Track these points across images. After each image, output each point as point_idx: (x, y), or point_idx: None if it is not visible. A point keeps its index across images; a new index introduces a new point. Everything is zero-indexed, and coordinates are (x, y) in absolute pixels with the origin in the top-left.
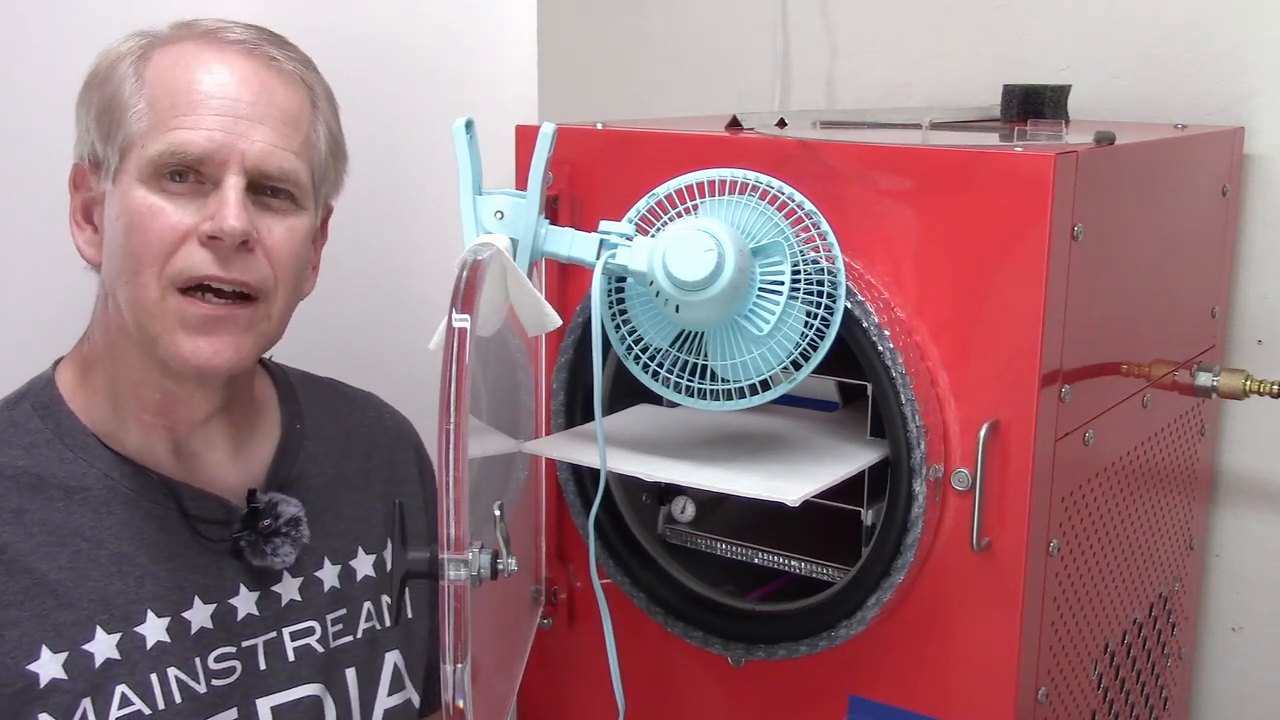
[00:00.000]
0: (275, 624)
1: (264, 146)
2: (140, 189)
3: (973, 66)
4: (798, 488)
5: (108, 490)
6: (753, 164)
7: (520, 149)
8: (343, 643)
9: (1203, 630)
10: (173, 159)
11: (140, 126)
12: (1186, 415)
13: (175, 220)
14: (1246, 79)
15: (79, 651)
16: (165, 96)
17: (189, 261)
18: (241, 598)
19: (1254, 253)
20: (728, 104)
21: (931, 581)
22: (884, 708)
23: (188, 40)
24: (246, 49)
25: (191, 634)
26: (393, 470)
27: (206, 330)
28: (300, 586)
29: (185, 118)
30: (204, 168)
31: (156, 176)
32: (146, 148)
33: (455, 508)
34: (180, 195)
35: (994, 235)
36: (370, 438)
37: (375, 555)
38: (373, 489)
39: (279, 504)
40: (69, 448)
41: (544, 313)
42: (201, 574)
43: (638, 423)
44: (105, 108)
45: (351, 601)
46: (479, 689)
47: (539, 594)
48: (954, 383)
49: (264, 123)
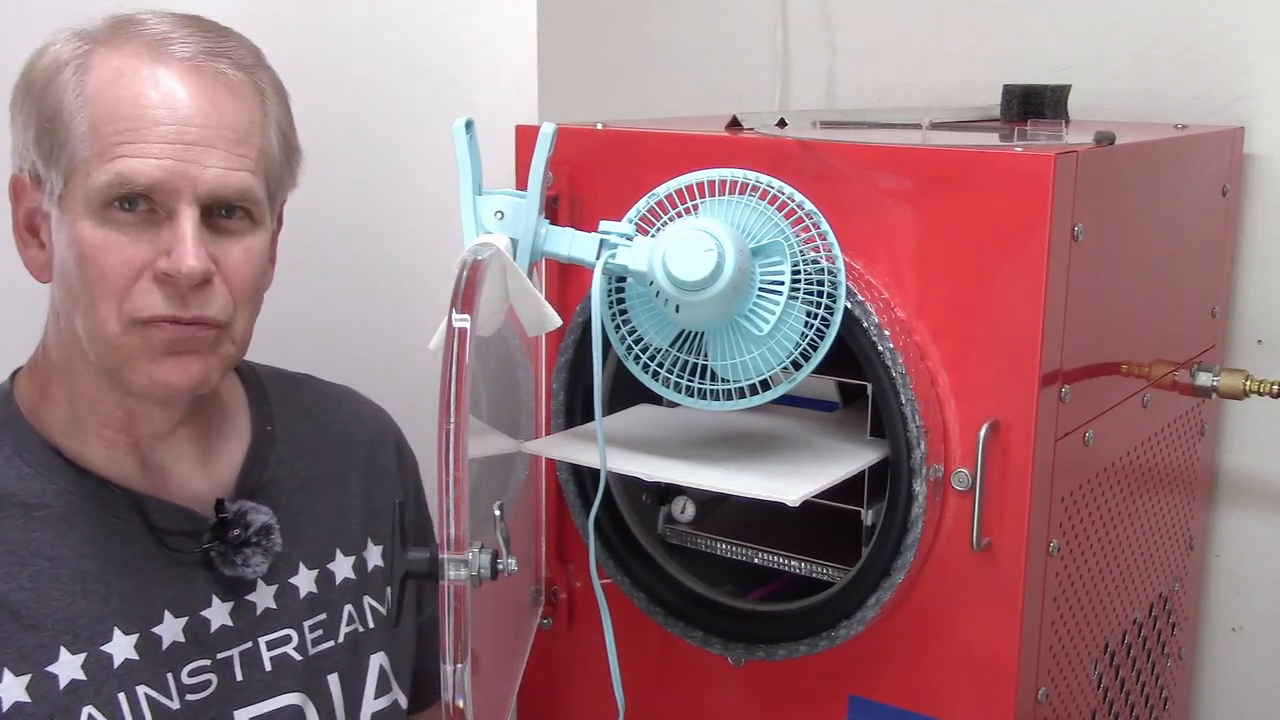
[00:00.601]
0: (250, 634)
1: (217, 172)
2: (87, 221)
3: (973, 66)
4: (798, 488)
5: (68, 507)
6: (753, 164)
7: (520, 149)
8: (323, 649)
9: (1203, 630)
10: (120, 189)
11: (84, 152)
12: (1186, 415)
13: (129, 254)
14: (1246, 79)
15: (42, 674)
16: (109, 120)
17: (145, 300)
18: (214, 609)
19: (1254, 253)
20: (728, 104)
21: (931, 581)
22: (884, 708)
23: (129, 48)
24: (193, 65)
25: (163, 649)
26: (371, 467)
27: (171, 352)
28: (275, 594)
29: (131, 145)
30: (155, 196)
31: (104, 206)
32: (92, 175)
33: (455, 508)
34: (131, 225)
35: (994, 235)
36: (346, 434)
37: (354, 556)
38: (350, 488)
39: (248, 513)
40: (28, 463)
41: (544, 313)
42: (170, 588)
43: (638, 423)
44: (45, 126)
45: (331, 606)
46: (479, 689)
47: (539, 594)
48: (954, 383)
49: (216, 145)
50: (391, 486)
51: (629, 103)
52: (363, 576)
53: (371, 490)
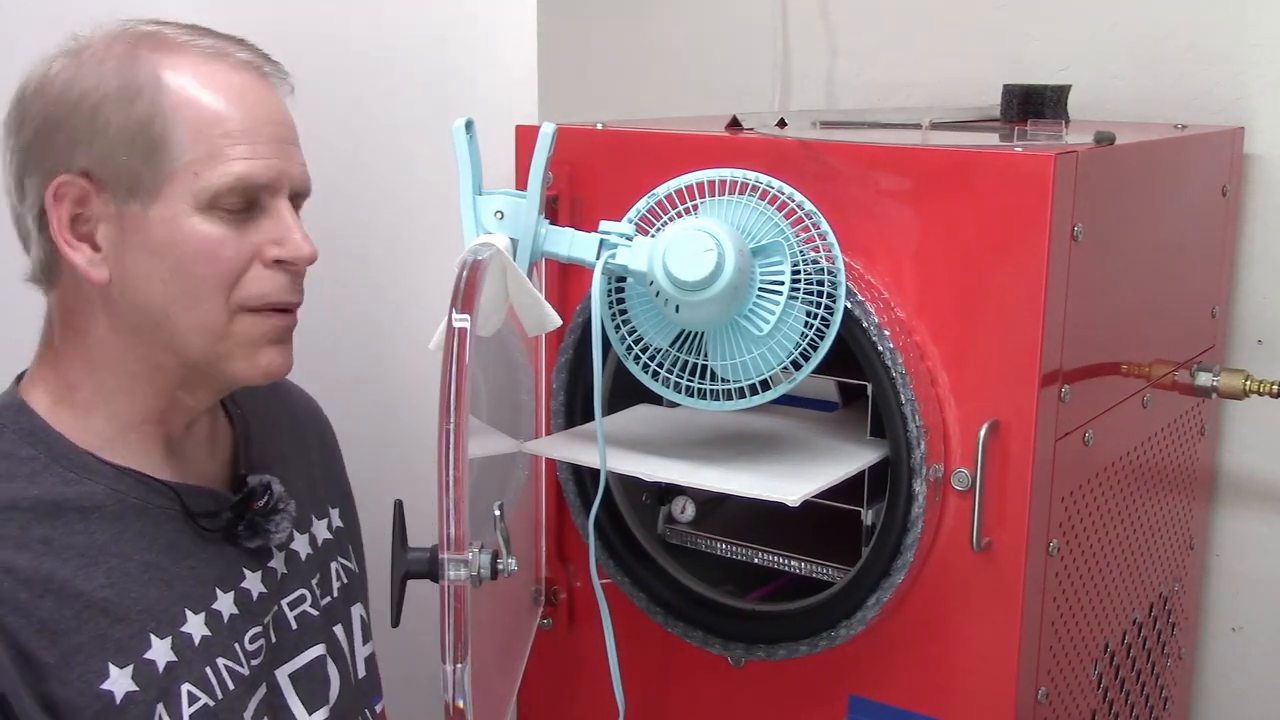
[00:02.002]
0: (277, 597)
1: (302, 168)
2: (196, 217)
3: (973, 66)
4: (798, 488)
5: (119, 504)
6: (753, 164)
7: (520, 149)
8: (326, 602)
9: (1203, 630)
10: (239, 188)
11: (189, 154)
12: (1186, 415)
13: (240, 248)
14: (1246, 79)
15: (142, 661)
16: (213, 122)
17: (263, 288)
18: (249, 579)
19: (1254, 253)
20: (728, 104)
21: (931, 581)
22: (884, 708)
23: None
24: (257, 70)
25: (225, 623)
26: (320, 438)
27: (275, 341)
28: (285, 560)
29: (242, 145)
30: (260, 192)
31: (212, 204)
32: (203, 177)
33: (455, 508)
34: (236, 222)
35: (994, 235)
36: (291, 408)
37: (326, 520)
38: (308, 455)
39: (271, 483)
40: (68, 469)
41: (544, 313)
42: (214, 566)
43: (638, 423)
44: (138, 129)
45: (323, 565)
46: (479, 689)
47: (539, 594)
48: (954, 383)
49: (294, 143)
50: (332, 453)
51: (629, 103)
52: (336, 536)
53: (322, 459)
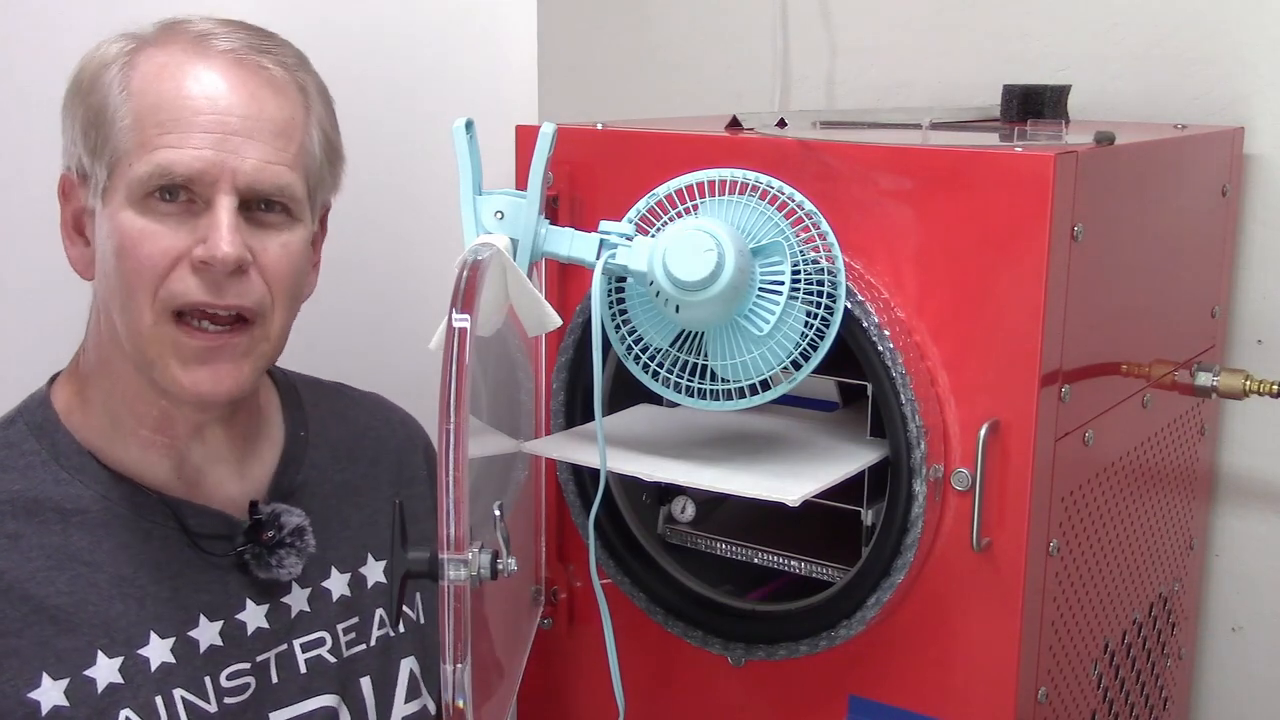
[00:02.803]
0: (286, 636)
1: (256, 163)
2: (129, 211)
3: (973, 66)
4: (798, 488)
5: (106, 511)
6: (753, 164)
7: (520, 149)
8: (356, 651)
9: (1203, 630)
10: (160, 179)
11: (127, 143)
12: (1186, 415)
13: (166, 244)
14: (1246, 79)
15: (81, 678)
16: (151, 111)
17: (181, 287)
18: (249, 612)
19: (1254, 253)
20: (728, 104)
21: (931, 581)
22: (884, 708)
23: (174, 45)
24: (235, 58)
25: (200, 653)
26: (401, 473)
27: (204, 360)
28: (309, 597)
29: (170, 135)
30: (194, 187)
31: (145, 197)
32: (133, 167)
33: (455, 508)
34: (170, 216)
35: (994, 235)
36: (378, 441)
37: (385, 561)
38: (381, 493)
39: (282, 515)
40: (65, 469)
41: (544, 313)
42: (205, 591)
43: (638, 423)
44: (91, 120)
45: (363, 610)
46: (479, 689)
47: (539, 594)
48: (954, 383)
49: (255, 137)
50: (420, 493)
51: (629, 103)
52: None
53: (401, 497)
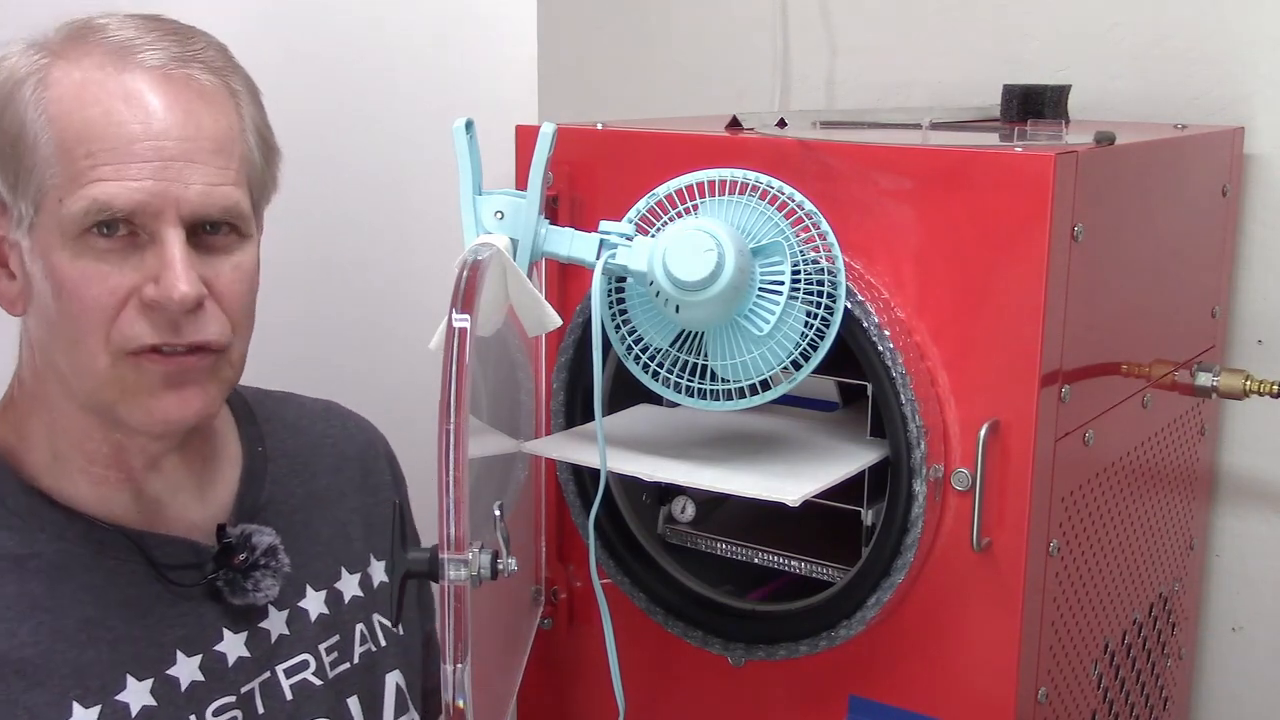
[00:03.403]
0: (268, 663)
1: (201, 188)
2: (64, 252)
3: (973, 66)
4: (798, 488)
5: (62, 553)
6: (753, 164)
7: (520, 149)
8: (341, 671)
9: (1203, 630)
10: (98, 216)
11: (53, 178)
12: (1186, 415)
13: (113, 284)
14: (1246, 79)
15: None
16: (79, 141)
17: (133, 330)
18: (228, 642)
19: (1254, 253)
20: (728, 104)
21: (931, 581)
22: (884, 708)
23: (91, 59)
24: (163, 74)
25: (182, 691)
26: (366, 479)
27: (170, 385)
28: (287, 619)
29: (105, 167)
30: (136, 219)
31: (81, 234)
32: (65, 203)
33: (455, 508)
34: (112, 252)
35: (994, 235)
36: (338, 449)
37: (360, 573)
38: (347, 502)
39: (252, 535)
40: (13, 512)
41: (544, 313)
42: (179, 626)
43: (638, 423)
44: (8, 150)
45: (343, 626)
46: (479, 689)
47: (539, 594)
48: (954, 383)
49: (196, 160)
50: (387, 498)
51: (629, 103)
52: (369, 594)
53: (368, 504)
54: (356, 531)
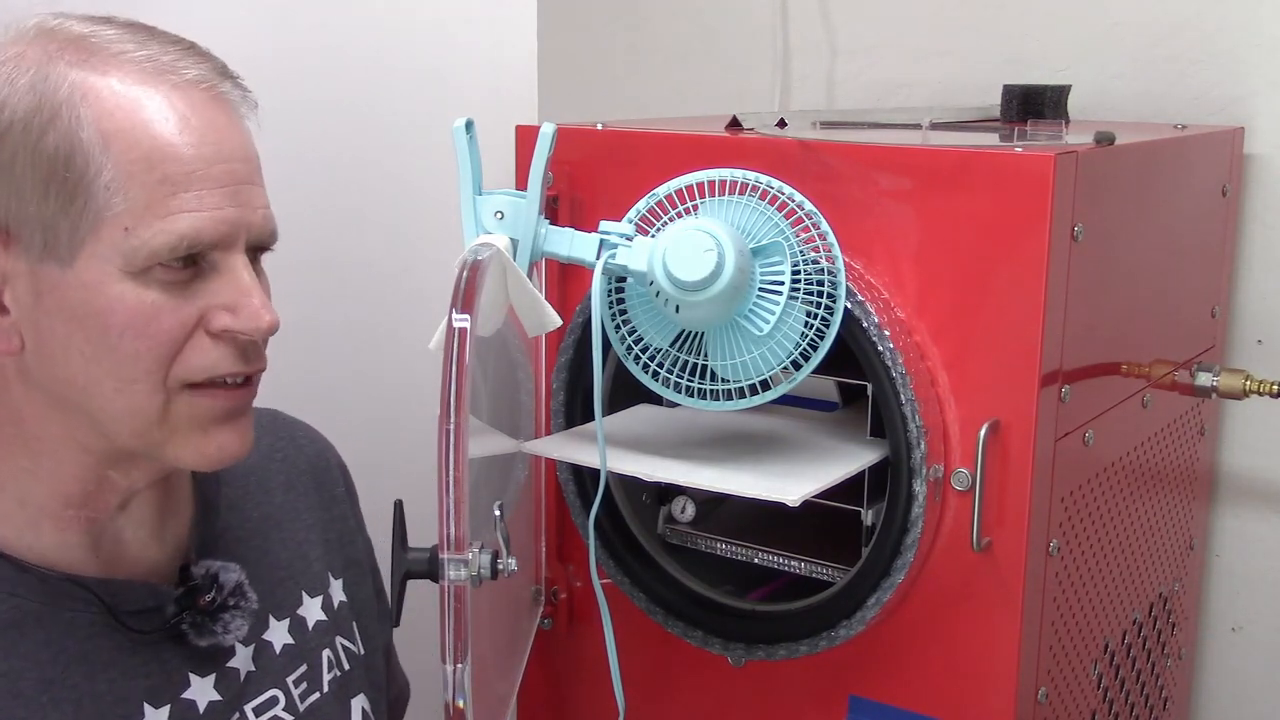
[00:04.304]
0: (237, 703)
1: (264, 213)
2: (129, 283)
3: (973, 66)
4: (798, 488)
5: (16, 610)
6: (753, 164)
7: (520, 149)
8: (312, 702)
9: (1203, 630)
10: (185, 250)
11: (120, 204)
12: (1186, 415)
13: (183, 317)
14: (1246, 79)
15: None
16: (147, 166)
17: (204, 361)
18: (195, 688)
19: (1254, 253)
20: (728, 104)
21: (931, 581)
22: (884, 708)
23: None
24: (209, 91)
25: None
26: (320, 493)
27: (229, 419)
28: (253, 655)
29: (186, 194)
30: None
31: (148, 267)
32: (136, 233)
33: (455, 508)
34: (176, 284)
35: (994, 235)
36: (286, 461)
37: (321, 596)
38: (301, 520)
39: (218, 573)
40: None
41: (544, 313)
42: (143, 676)
43: (638, 423)
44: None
45: (310, 655)
46: (479, 689)
47: (539, 594)
48: (954, 383)
49: (255, 182)
50: (342, 512)
51: (629, 103)
52: (332, 616)
53: (324, 520)
54: (314, 551)
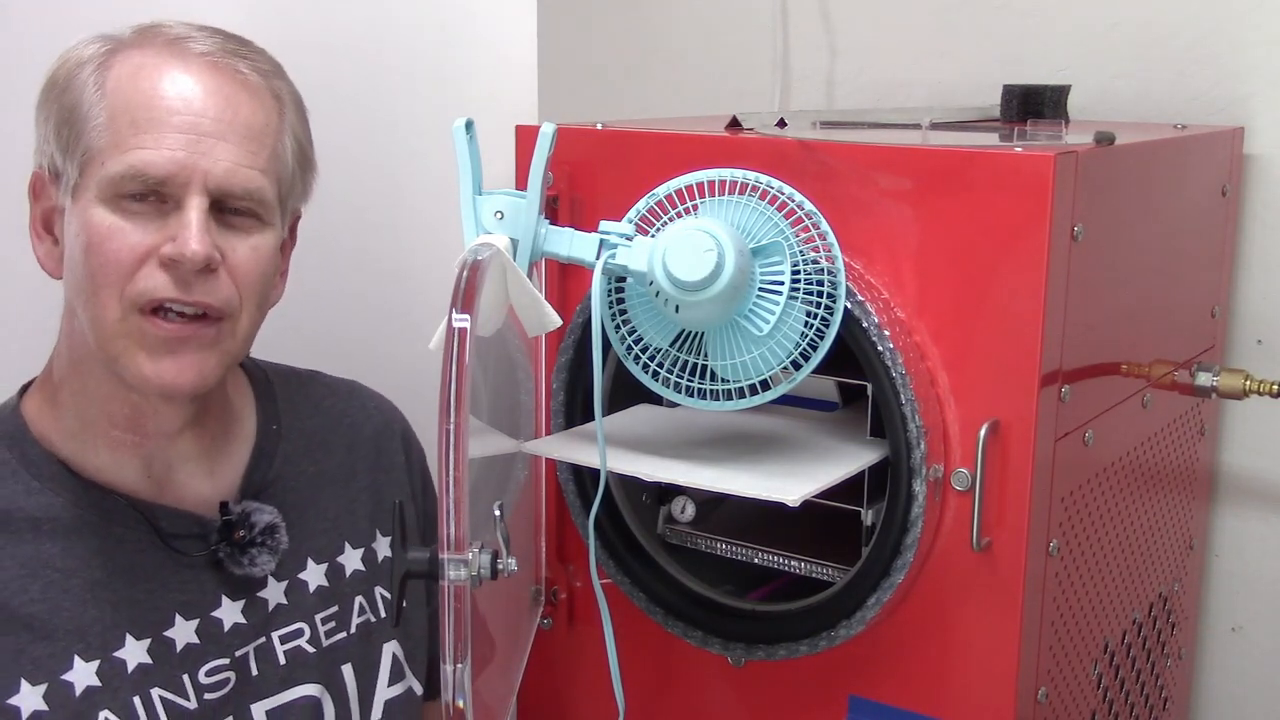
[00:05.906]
0: (264, 629)
1: (228, 165)
2: (99, 208)
3: (973, 66)
4: (798, 488)
5: (76, 519)
6: (753, 164)
7: (520, 149)
8: (336, 640)
9: (1203, 630)
10: (133, 181)
11: (100, 142)
12: (1186, 415)
13: (135, 240)
14: (1246, 79)
15: (58, 682)
16: (125, 111)
17: (149, 284)
18: (225, 609)
19: (1254, 253)
20: (728, 104)
21: (931, 581)
22: (884, 708)
23: (150, 48)
24: (211, 61)
25: (176, 652)
26: (379, 459)
27: (169, 350)
28: (285, 590)
29: (145, 135)
30: (165, 188)
31: (116, 196)
32: (106, 166)
33: (455, 508)
34: (140, 215)
35: (994, 235)
36: (353, 427)
37: (363, 549)
38: (357, 481)
39: (252, 514)
40: (35, 477)
41: (544, 313)
42: (180, 591)
43: (638, 423)
44: (65, 118)
45: (342, 598)
46: (479, 689)
47: (539, 594)
48: (954, 383)
49: (227, 140)
50: (399, 478)
51: (629, 103)
52: (372, 568)
53: (379, 482)
54: (364, 509)
